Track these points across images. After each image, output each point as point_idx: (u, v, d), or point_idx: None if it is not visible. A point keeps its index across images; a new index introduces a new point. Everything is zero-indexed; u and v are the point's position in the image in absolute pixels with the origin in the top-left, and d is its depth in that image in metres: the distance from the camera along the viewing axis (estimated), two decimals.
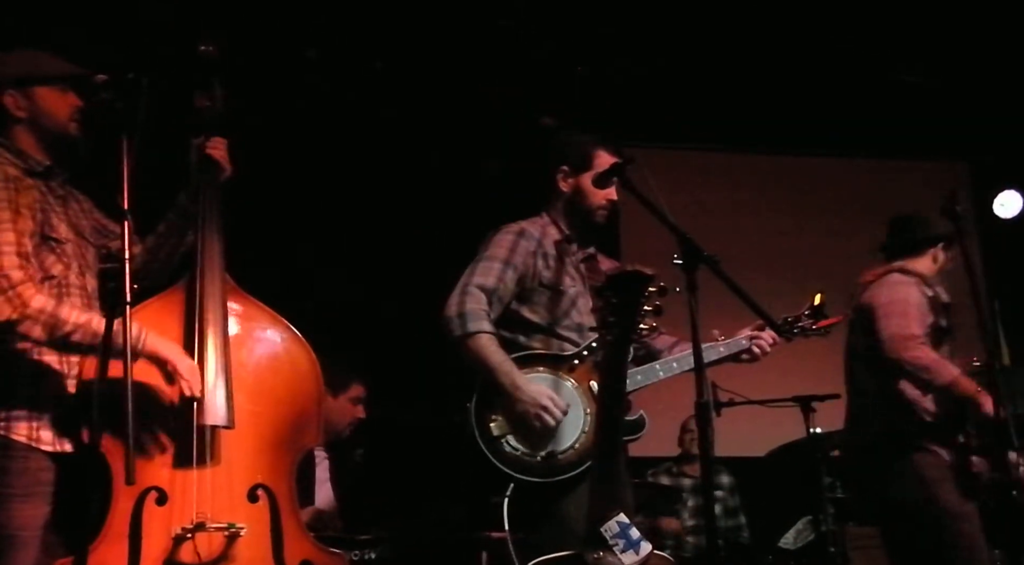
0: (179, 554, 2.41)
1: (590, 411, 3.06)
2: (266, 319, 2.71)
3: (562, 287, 3.21)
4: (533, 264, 3.21)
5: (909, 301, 3.62)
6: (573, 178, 3.31)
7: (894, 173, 6.88)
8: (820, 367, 5.65)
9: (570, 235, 3.32)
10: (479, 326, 3.05)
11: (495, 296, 3.14)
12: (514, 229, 3.26)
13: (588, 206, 3.29)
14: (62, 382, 2.51)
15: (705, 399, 2.72)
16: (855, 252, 6.60)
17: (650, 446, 5.18)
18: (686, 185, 6.32)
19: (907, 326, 3.56)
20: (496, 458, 3.00)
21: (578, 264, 3.30)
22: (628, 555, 2.61)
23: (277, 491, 2.54)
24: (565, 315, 3.20)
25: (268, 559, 2.49)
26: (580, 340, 3.18)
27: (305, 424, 2.67)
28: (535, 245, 3.23)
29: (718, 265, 2.79)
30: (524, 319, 3.20)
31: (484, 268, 3.16)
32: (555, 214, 3.35)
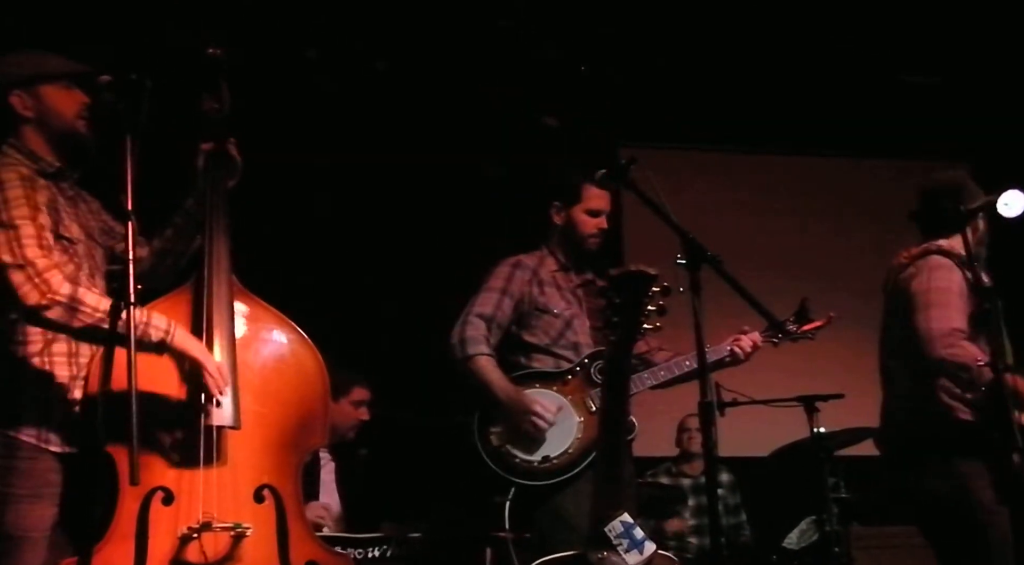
0: (185, 554, 2.42)
1: (582, 419, 3.40)
2: (272, 320, 2.72)
3: (556, 311, 3.54)
4: (528, 291, 3.55)
5: (951, 289, 3.38)
6: (565, 211, 3.64)
7: (896, 173, 6.86)
8: (824, 367, 5.68)
9: (566, 264, 3.66)
10: (478, 349, 3.42)
11: (494, 323, 3.49)
12: (511, 261, 3.62)
13: (580, 236, 3.62)
14: (69, 383, 2.52)
15: (709, 399, 2.73)
16: (856, 252, 6.65)
17: (650, 446, 5.21)
18: (688, 185, 6.31)
19: (948, 319, 3.32)
20: (497, 466, 3.35)
21: (575, 289, 3.62)
22: (632, 555, 2.62)
23: (283, 492, 2.55)
24: (560, 336, 3.52)
25: (274, 559, 2.50)
26: (575, 358, 3.50)
27: (311, 425, 2.68)
28: (530, 274, 3.58)
29: (721, 265, 2.80)
30: (524, 342, 3.54)
31: (483, 299, 3.52)
32: (552, 246, 3.68)
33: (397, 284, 5.58)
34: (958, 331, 3.32)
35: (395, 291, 5.57)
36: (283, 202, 5.30)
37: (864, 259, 6.59)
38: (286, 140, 5.34)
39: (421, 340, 4.18)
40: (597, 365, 3.42)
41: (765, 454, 5.15)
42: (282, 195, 5.23)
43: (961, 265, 3.43)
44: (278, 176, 5.12)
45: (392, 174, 5.77)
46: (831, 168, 6.93)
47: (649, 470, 5.60)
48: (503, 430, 3.37)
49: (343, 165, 5.66)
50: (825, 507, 4.73)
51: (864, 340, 5.91)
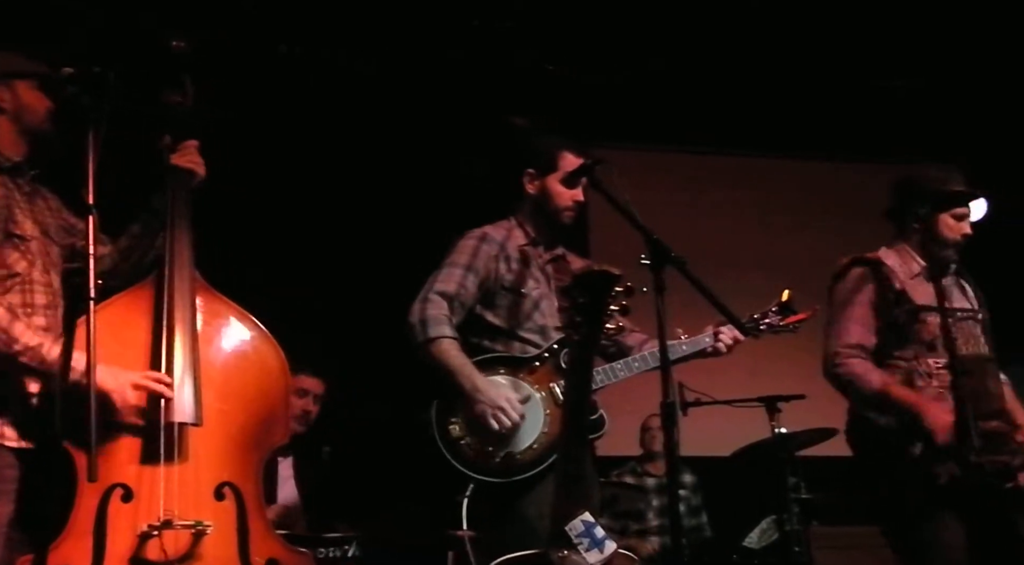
0: (145, 552, 2.39)
1: (549, 412, 3.14)
2: (235, 316, 2.70)
3: (524, 290, 3.27)
4: (495, 268, 3.28)
5: (852, 301, 3.41)
6: (539, 180, 3.36)
7: (866, 175, 6.93)
8: (786, 368, 5.72)
9: (536, 237, 3.38)
10: (440, 332, 3.14)
11: (457, 301, 3.22)
12: (476, 234, 3.33)
13: (554, 208, 3.34)
14: (26, 378, 2.49)
15: (671, 399, 2.74)
16: (822, 253, 6.67)
17: (616, 446, 5.22)
18: (655, 186, 6.34)
19: (841, 336, 3.37)
20: (456, 459, 3.09)
21: (544, 266, 3.36)
22: (592, 554, 2.62)
23: (244, 489, 2.53)
24: (527, 318, 3.26)
25: (234, 557, 2.48)
26: (543, 342, 3.25)
27: (273, 422, 2.67)
28: (497, 249, 3.30)
29: (685, 266, 2.81)
30: (487, 323, 3.27)
31: (446, 274, 3.24)
32: (522, 217, 3.40)
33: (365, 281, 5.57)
34: (848, 348, 3.35)
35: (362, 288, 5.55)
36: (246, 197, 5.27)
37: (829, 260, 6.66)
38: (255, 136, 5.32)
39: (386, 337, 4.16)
40: (567, 352, 3.03)
41: (727, 454, 5.19)
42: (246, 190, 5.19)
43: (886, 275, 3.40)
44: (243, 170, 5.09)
45: (358, 170, 5.75)
46: (799, 169, 7.00)
47: (614, 469, 5.62)
48: (464, 422, 3.10)
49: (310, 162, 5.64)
50: (786, 507, 4.78)
51: None
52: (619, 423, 4.07)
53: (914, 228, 3.46)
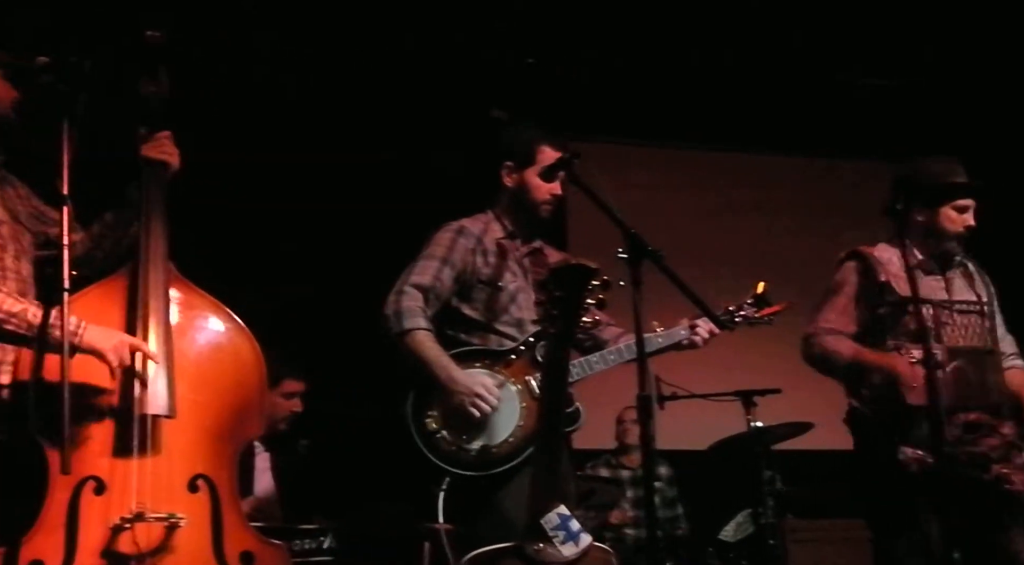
0: (117, 544, 2.37)
1: (525, 405, 3.14)
2: (209, 308, 2.68)
3: (501, 283, 3.27)
4: (472, 261, 3.27)
5: (838, 289, 3.50)
6: (517, 173, 3.34)
7: (840, 172, 7.00)
8: (762, 362, 5.76)
9: (513, 230, 3.37)
10: (415, 323, 3.13)
11: (432, 294, 3.21)
12: (454, 227, 3.32)
13: (533, 201, 3.33)
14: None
15: (646, 392, 2.75)
16: (796, 248, 6.75)
17: (591, 439, 5.24)
18: (634, 180, 6.37)
19: (819, 321, 3.47)
20: (432, 453, 3.09)
21: (521, 259, 3.35)
22: (568, 547, 2.63)
23: (218, 482, 2.52)
24: (504, 311, 3.26)
25: (208, 550, 2.47)
26: (519, 335, 3.24)
27: (247, 415, 2.65)
28: (474, 242, 3.30)
29: (662, 259, 2.82)
30: (463, 316, 3.27)
31: (422, 267, 3.24)
32: (499, 210, 3.40)
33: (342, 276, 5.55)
34: (824, 329, 3.44)
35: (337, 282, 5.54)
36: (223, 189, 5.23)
37: (804, 255, 6.70)
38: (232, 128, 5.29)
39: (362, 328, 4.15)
40: (543, 345, 3.04)
41: (703, 447, 5.21)
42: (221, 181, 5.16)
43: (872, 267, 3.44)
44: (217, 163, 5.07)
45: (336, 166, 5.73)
46: (776, 165, 7.03)
47: (589, 462, 5.64)
48: (440, 413, 3.09)
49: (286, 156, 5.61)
50: (761, 500, 4.81)
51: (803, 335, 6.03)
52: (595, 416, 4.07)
53: (916, 221, 3.49)
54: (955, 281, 3.53)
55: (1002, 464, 3.30)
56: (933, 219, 3.47)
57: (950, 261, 3.54)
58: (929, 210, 3.48)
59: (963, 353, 3.38)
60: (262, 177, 5.52)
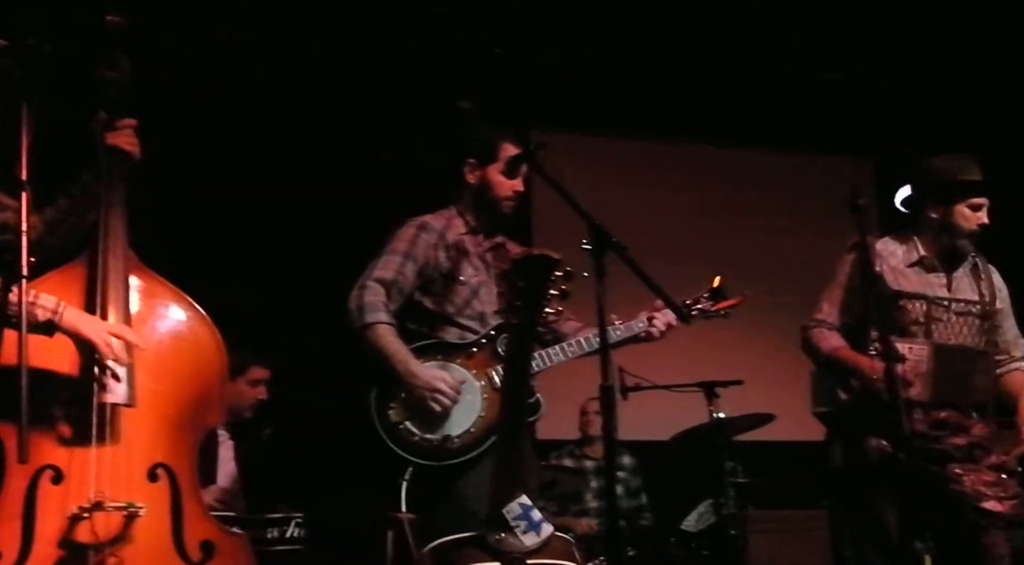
0: (75, 534, 2.36)
1: (487, 397, 3.21)
2: (169, 296, 2.66)
3: (463, 277, 3.33)
4: (434, 256, 3.33)
5: (835, 280, 3.57)
6: (480, 170, 3.41)
7: (804, 166, 7.06)
8: (724, 353, 5.81)
9: (476, 226, 3.43)
10: (377, 318, 3.19)
11: (395, 288, 3.27)
12: (416, 223, 3.38)
13: (494, 197, 3.39)
14: None
15: (609, 383, 2.76)
16: (759, 241, 6.81)
17: (555, 429, 5.26)
18: (600, 171, 6.38)
19: (814, 313, 3.57)
20: (395, 444, 3.16)
21: (484, 254, 3.41)
22: (529, 536, 2.64)
23: (178, 471, 2.51)
24: (466, 305, 3.32)
25: (167, 539, 2.46)
26: (481, 329, 3.30)
27: (208, 403, 2.64)
28: (436, 237, 3.35)
29: (625, 251, 2.83)
30: (426, 310, 3.33)
31: (384, 262, 3.29)
32: (462, 206, 3.45)
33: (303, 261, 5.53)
34: (816, 321, 3.55)
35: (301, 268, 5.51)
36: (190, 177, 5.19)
37: (766, 248, 6.77)
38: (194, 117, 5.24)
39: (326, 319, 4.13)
40: (504, 338, 3.13)
41: (666, 438, 5.24)
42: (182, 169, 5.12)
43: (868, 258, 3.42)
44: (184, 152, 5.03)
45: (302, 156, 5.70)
46: (740, 159, 7.07)
47: (553, 452, 5.66)
48: (402, 405, 3.17)
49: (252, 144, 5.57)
50: (723, 491, 4.84)
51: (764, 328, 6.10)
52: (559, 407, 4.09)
53: (930, 217, 3.51)
54: (959, 280, 3.55)
55: (961, 464, 3.35)
56: (948, 216, 3.48)
57: (960, 259, 3.55)
58: (944, 207, 3.48)
59: (950, 351, 3.42)
60: (230, 165, 5.48)
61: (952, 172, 3.50)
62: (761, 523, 5.13)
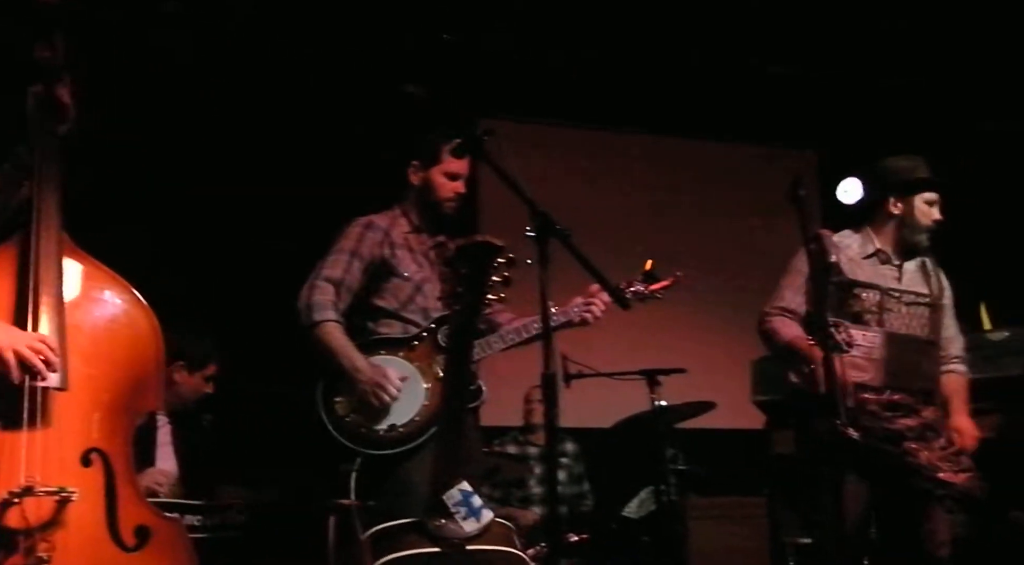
0: (5, 519, 2.31)
1: (430, 387, 3.35)
2: (105, 280, 2.61)
3: (407, 274, 3.48)
4: (380, 253, 3.48)
5: (795, 270, 3.65)
6: (422, 172, 3.56)
7: (747, 157, 7.13)
8: (666, 342, 5.86)
9: (420, 225, 3.59)
10: (324, 315, 3.35)
11: (343, 286, 3.42)
12: (362, 222, 3.53)
13: (436, 199, 3.55)
14: None
15: (551, 371, 2.78)
16: (703, 231, 6.87)
17: (500, 416, 5.27)
18: (547, 159, 6.39)
19: (775, 299, 3.65)
20: (342, 435, 3.32)
21: (427, 252, 3.54)
22: (469, 522, 2.65)
23: (112, 455, 2.47)
24: (410, 300, 3.47)
25: (101, 524, 2.42)
26: (424, 323, 3.45)
27: (143, 388, 2.60)
28: (382, 235, 3.50)
29: (569, 238, 2.85)
30: (373, 306, 3.47)
31: (332, 261, 3.45)
32: (407, 206, 3.61)
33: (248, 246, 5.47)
34: (776, 309, 3.62)
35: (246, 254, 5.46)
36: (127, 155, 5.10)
37: (709, 238, 6.84)
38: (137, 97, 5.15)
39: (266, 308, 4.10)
40: (445, 330, 3.32)
41: (608, 425, 5.28)
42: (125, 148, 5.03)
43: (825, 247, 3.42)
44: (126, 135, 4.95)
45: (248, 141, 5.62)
46: (683, 149, 7.12)
47: (497, 439, 5.67)
48: (348, 399, 3.33)
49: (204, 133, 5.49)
50: (664, 478, 4.90)
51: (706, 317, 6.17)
52: (503, 394, 4.11)
53: (890, 212, 3.67)
54: (910, 274, 3.71)
55: (915, 442, 3.47)
56: (908, 211, 3.66)
57: (914, 254, 3.72)
58: (905, 202, 3.66)
59: (902, 339, 3.56)
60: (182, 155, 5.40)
61: (912, 169, 3.69)
62: (701, 510, 5.20)
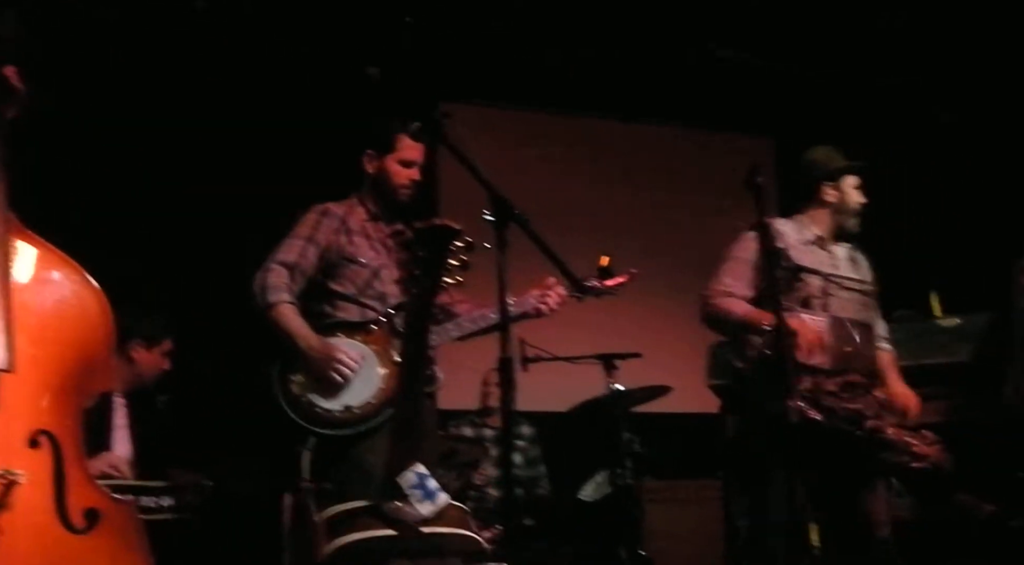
0: None
1: (387, 370, 3.37)
2: (54, 261, 2.56)
3: (364, 260, 3.51)
4: (335, 240, 3.52)
5: (739, 257, 3.69)
6: (378, 161, 3.60)
7: (704, 142, 7.16)
8: (623, 326, 5.88)
9: (376, 213, 3.62)
10: (279, 297, 3.39)
11: (297, 270, 3.46)
12: (319, 209, 3.58)
13: (392, 186, 3.59)
14: None
15: (508, 355, 2.80)
16: (663, 217, 6.91)
17: (457, 399, 5.28)
18: (508, 144, 6.38)
19: (718, 282, 3.67)
20: (297, 415, 3.33)
21: (385, 239, 3.57)
22: (425, 505, 2.66)
23: (61, 437, 2.42)
24: (368, 286, 3.50)
25: (50, 507, 2.38)
26: (382, 308, 3.48)
27: (94, 369, 2.55)
28: (338, 222, 3.54)
29: (527, 224, 2.87)
30: (330, 291, 3.51)
31: (288, 246, 3.49)
32: (363, 194, 3.64)
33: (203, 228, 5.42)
34: (722, 290, 3.65)
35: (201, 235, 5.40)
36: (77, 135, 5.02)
37: (666, 223, 6.88)
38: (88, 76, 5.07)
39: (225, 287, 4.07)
40: (403, 316, 3.32)
41: (565, 409, 5.30)
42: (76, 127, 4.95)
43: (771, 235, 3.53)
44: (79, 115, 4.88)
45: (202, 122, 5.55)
46: (647, 135, 7.14)
47: (453, 422, 5.67)
48: (304, 379, 3.34)
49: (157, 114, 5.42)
50: (619, 461, 4.93)
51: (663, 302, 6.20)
52: (461, 377, 4.11)
53: (825, 199, 3.76)
54: (842, 259, 3.80)
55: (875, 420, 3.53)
56: (842, 196, 3.77)
57: (845, 239, 3.82)
58: (836, 188, 3.76)
59: (845, 323, 3.63)
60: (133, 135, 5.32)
61: (836, 157, 3.81)
62: (657, 493, 5.25)
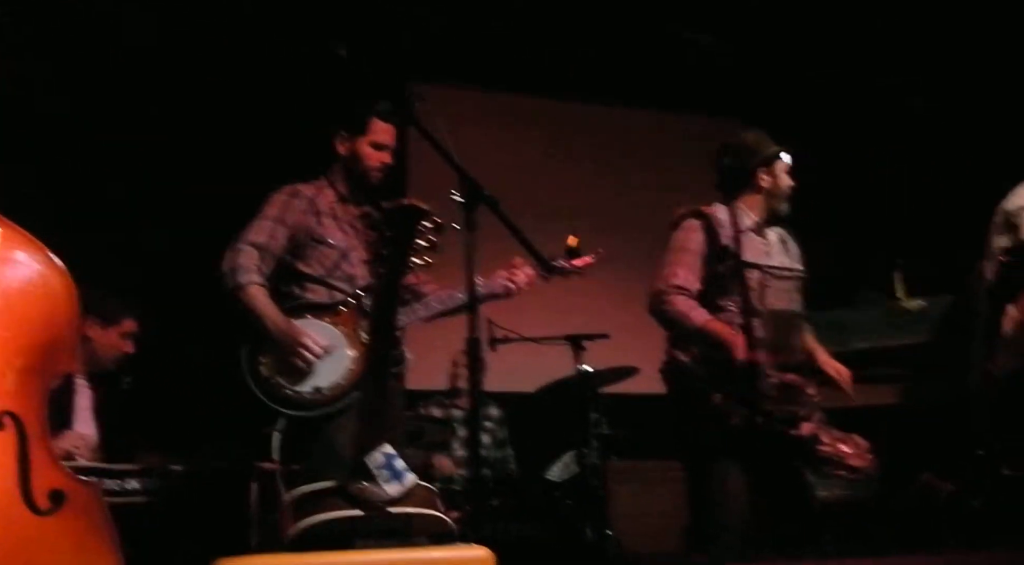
0: None
1: (355, 352, 3.39)
2: (18, 240, 2.53)
3: (333, 242, 3.51)
4: (304, 221, 3.51)
5: (687, 248, 3.60)
6: (349, 142, 3.60)
7: (670, 124, 7.18)
8: (591, 307, 5.90)
9: (346, 195, 3.62)
10: (248, 279, 3.39)
11: (267, 251, 3.46)
12: (288, 190, 3.57)
13: (363, 168, 3.59)
14: None
15: (475, 335, 2.81)
16: (629, 198, 6.92)
17: (425, 380, 5.27)
18: (478, 125, 6.35)
19: (670, 277, 3.56)
20: (266, 397, 3.35)
21: (353, 221, 3.57)
22: (392, 485, 2.65)
23: (25, 418, 2.40)
24: (336, 267, 3.51)
25: (14, 489, 2.36)
26: (351, 290, 3.49)
27: (58, 350, 2.53)
28: (307, 204, 3.54)
29: (497, 205, 2.89)
30: (298, 271, 3.51)
31: (257, 227, 3.48)
32: (333, 176, 3.64)
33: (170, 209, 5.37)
34: (676, 287, 3.55)
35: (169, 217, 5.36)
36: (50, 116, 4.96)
37: (633, 205, 6.89)
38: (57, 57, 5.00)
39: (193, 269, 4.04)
40: (370, 296, 3.34)
41: (532, 390, 5.32)
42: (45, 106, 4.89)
43: (715, 230, 3.58)
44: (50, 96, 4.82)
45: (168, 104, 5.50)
46: (614, 117, 7.14)
47: (421, 402, 5.67)
48: (273, 361, 3.36)
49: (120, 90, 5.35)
50: (587, 442, 4.96)
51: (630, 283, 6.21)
52: (430, 358, 4.11)
53: (752, 184, 3.70)
54: (775, 244, 3.73)
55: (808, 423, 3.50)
56: (774, 180, 3.69)
57: (774, 222, 3.75)
58: (770, 172, 3.69)
59: (780, 316, 3.58)
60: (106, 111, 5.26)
61: (768, 141, 3.75)
62: (623, 473, 5.28)
